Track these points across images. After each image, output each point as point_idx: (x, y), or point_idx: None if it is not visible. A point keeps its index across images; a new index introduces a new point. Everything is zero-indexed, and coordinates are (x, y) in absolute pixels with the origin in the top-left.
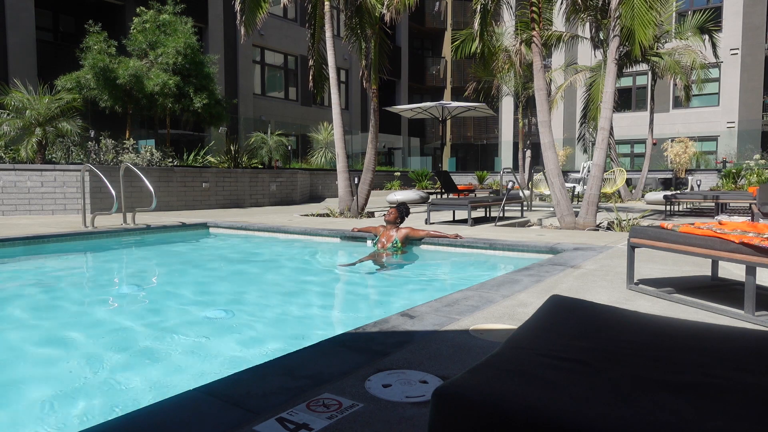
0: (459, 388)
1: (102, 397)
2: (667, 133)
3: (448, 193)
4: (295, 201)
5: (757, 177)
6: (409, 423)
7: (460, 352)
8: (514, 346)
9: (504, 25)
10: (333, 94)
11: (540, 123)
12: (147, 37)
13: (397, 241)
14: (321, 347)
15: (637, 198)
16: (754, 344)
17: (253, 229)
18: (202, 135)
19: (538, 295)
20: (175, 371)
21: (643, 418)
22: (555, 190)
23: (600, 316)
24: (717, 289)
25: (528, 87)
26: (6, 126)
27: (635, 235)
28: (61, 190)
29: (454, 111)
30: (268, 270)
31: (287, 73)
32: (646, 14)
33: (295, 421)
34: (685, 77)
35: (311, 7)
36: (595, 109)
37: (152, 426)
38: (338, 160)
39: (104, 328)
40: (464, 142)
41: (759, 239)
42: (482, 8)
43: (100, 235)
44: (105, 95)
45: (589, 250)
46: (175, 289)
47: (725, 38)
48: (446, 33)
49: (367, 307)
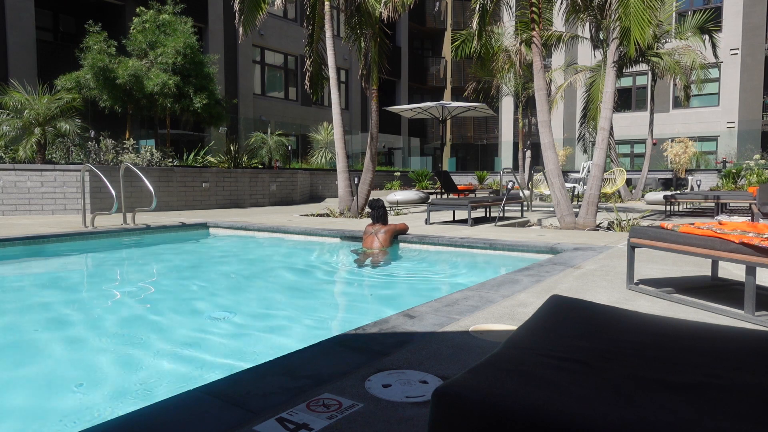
0: (459, 388)
1: (102, 397)
2: (667, 133)
3: (448, 193)
4: (295, 201)
5: (757, 177)
6: (409, 423)
7: (460, 352)
8: (514, 346)
9: (504, 26)
10: (333, 94)
11: (540, 123)
12: (147, 37)
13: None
14: (321, 347)
15: (637, 198)
16: (754, 344)
17: (253, 229)
18: (202, 135)
19: (538, 295)
20: (175, 371)
21: (643, 418)
22: (555, 190)
23: (600, 316)
24: (717, 289)
25: (528, 87)
26: (5, 126)
27: (635, 235)
28: (61, 190)
29: (454, 111)
30: (268, 270)
31: (287, 73)
32: (642, 13)
33: (295, 421)
34: (685, 77)
35: (310, 8)
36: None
37: (152, 426)
38: (338, 160)
39: (104, 328)
40: (464, 142)
41: (759, 239)
42: (481, 8)
43: (100, 235)
44: (105, 95)
45: (589, 250)
46: (174, 289)
47: (725, 38)
48: (446, 33)
49: (367, 307)
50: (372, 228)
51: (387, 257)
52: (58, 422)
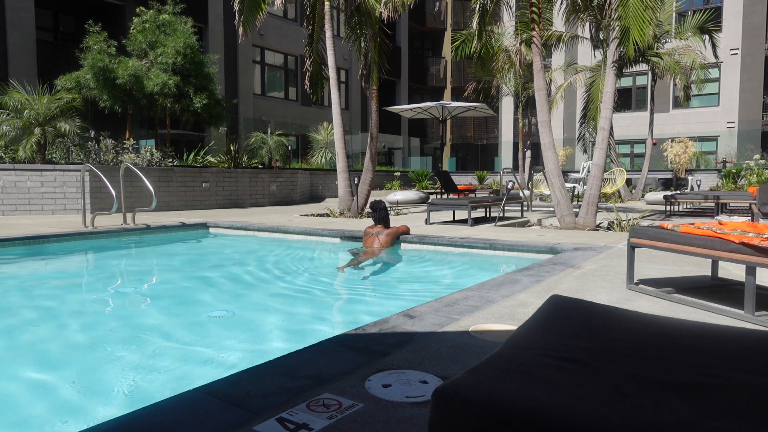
0: (459, 388)
1: (101, 396)
2: (667, 133)
3: (448, 193)
4: (295, 201)
5: (757, 177)
6: (409, 423)
7: (460, 352)
8: (514, 346)
9: (504, 26)
10: (333, 94)
11: (540, 123)
12: (147, 37)
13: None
14: (321, 347)
15: (637, 198)
16: (754, 344)
17: (253, 229)
18: (202, 135)
19: (538, 295)
20: (174, 371)
21: (643, 418)
22: (555, 190)
23: (600, 316)
24: (717, 289)
25: (528, 87)
26: (5, 126)
27: (635, 235)
28: (61, 190)
29: (454, 111)
30: (268, 270)
31: (287, 73)
32: (642, 13)
33: (295, 421)
34: (685, 77)
35: (310, 8)
36: (595, 109)
37: (152, 426)
38: (338, 160)
39: (104, 328)
40: (464, 142)
41: (759, 239)
42: (481, 8)
43: (100, 235)
44: (105, 95)
45: (589, 250)
46: (174, 289)
47: (725, 38)
48: (446, 33)
49: (366, 307)
50: (373, 230)
51: (387, 257)
52: (58, 421)
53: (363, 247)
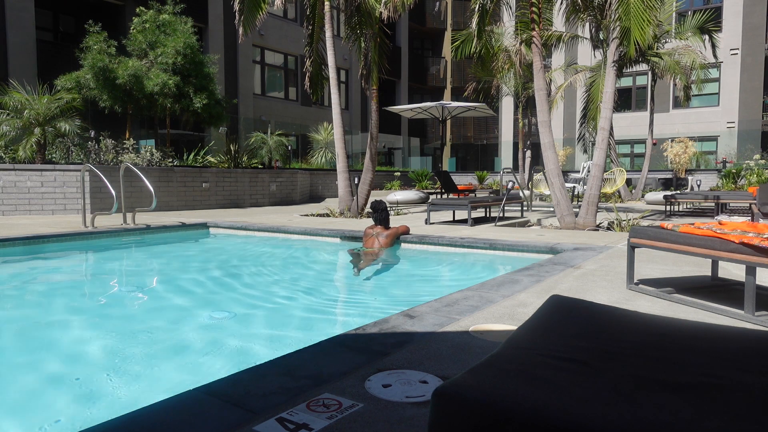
0: (459, 388)
1: (101, 396)
2: (667, 133)
3: (448, 193)
4: (295, 201)
5: (757, 177)
6: (409, 423)
7: (460, 352)
8: (514, 346)
9: (504, 26)
10: (333, 94)
11: (540, 123)
12: (147, 37)
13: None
14: (321, 347)
15: (637, 198)
16: (754, 344)
17: (253, 229)
18: (202, 135)
19: (538, 295)
20: (174, 371)
21: (643, 418)
22: (555, 190)
23: (600, 316)
24: (717, 289)
25: (528, 87)
26: (5, 126)
27: (635, 235)
28: (61, 190)
29: (454, 111)
30: (268, 270)
31: (287, 73)
32: (642, 13)
33: (295, 421)
34: (685, 77)
35: (310, 8)
36: (595, 109)
37: (152, 426)
38: (338, 160)
39: (104, 328)
40: (464, 142)
41: (759, 239)
42: (481, 8)
43: (100, 235)
44: (105, 95)
45: (589, 250)
46: (174, 289)
47: (725, 38)
48: (446, 33)
49: (366, 307)
50: (373, 230)
51: (387, 258)
52: (57, 421)
53: (363, 248)
